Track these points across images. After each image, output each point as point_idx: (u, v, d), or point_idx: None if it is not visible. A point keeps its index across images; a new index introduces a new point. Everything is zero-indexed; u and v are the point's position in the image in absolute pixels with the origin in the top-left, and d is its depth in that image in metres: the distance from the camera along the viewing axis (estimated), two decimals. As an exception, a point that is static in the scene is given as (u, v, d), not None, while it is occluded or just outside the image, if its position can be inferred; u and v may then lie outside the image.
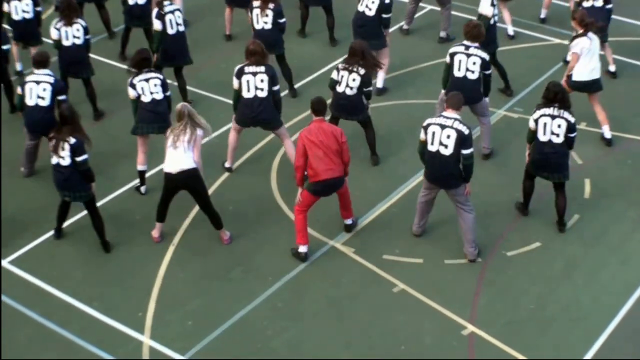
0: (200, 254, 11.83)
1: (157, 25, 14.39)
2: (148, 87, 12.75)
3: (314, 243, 11.93)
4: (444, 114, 11.37)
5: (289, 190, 12.74)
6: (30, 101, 12.82)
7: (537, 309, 10.93)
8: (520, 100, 14.73)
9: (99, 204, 12.23)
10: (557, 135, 11.68)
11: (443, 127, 11.22)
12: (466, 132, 11.18)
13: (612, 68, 15.62)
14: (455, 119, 11.25)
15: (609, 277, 11.41)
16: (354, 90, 12.94)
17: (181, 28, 14.51)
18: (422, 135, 11.40)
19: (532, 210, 12.43)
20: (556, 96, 11.72)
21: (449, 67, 13.14)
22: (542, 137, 11.74)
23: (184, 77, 14.75)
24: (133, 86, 12.74)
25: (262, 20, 14.62)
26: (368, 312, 10.93)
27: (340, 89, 13.02)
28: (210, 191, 12.53)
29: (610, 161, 13.44)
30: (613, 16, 15.35)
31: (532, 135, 11.85)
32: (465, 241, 11.64)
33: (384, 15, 14.64)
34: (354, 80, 12.89)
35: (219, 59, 16.18)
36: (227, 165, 13.41)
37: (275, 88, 12.83)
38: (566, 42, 15.46)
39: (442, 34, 16.79)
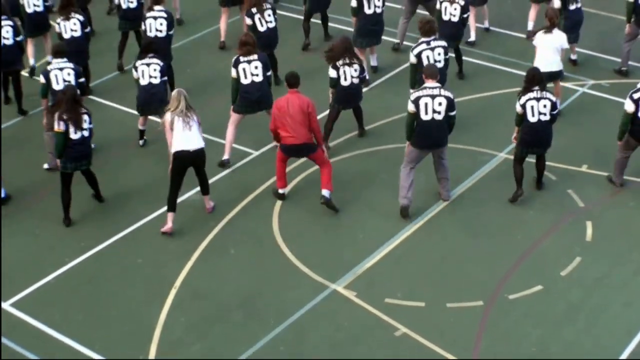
0: (201, 298, 11.81)
1: (142, 26, 15.83)
2: (148, 71, 14.09)
3: (316, 287, 11.93)
4: (428, 84, 12.70)
5: (290, 234, 12.77)
6: (57, 86, 13.85)
7: (539, 351, 10.89)
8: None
9: (100, 247, 12.70)
10: (545, 114, 12.94)
11: (433, 97, 12.59)
12: (452, 96, 12.76)
13: (573, 57, 17.08)
14: (439, 87, 12.71)
15: (611, 319, 11.38)
16: (358, 80, 14.40)
17: (160, 34, 15.51)
18: (412, 108, 12.65)
19: (533, 254, 12.44)
20: (534, 78, 12.98)
21: (416, 66, 14.30)
22: (532, 119, 12.95)
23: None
24: (135, 68, 14.18)
25: (266, 21, 15.75)
26: (370, 356, 10.89)
27: (346, 83, 14.32)
28: (212, 234, 12.77)
29: (612, 203, 13.45)
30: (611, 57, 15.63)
31: (520, 118, 13.06)
32: (442, 189, 13.27)
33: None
34: (355, 70, 14.33)
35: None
36: (225, 158, 14.29)
37: (269, 73, 14.24)
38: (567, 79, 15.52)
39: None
